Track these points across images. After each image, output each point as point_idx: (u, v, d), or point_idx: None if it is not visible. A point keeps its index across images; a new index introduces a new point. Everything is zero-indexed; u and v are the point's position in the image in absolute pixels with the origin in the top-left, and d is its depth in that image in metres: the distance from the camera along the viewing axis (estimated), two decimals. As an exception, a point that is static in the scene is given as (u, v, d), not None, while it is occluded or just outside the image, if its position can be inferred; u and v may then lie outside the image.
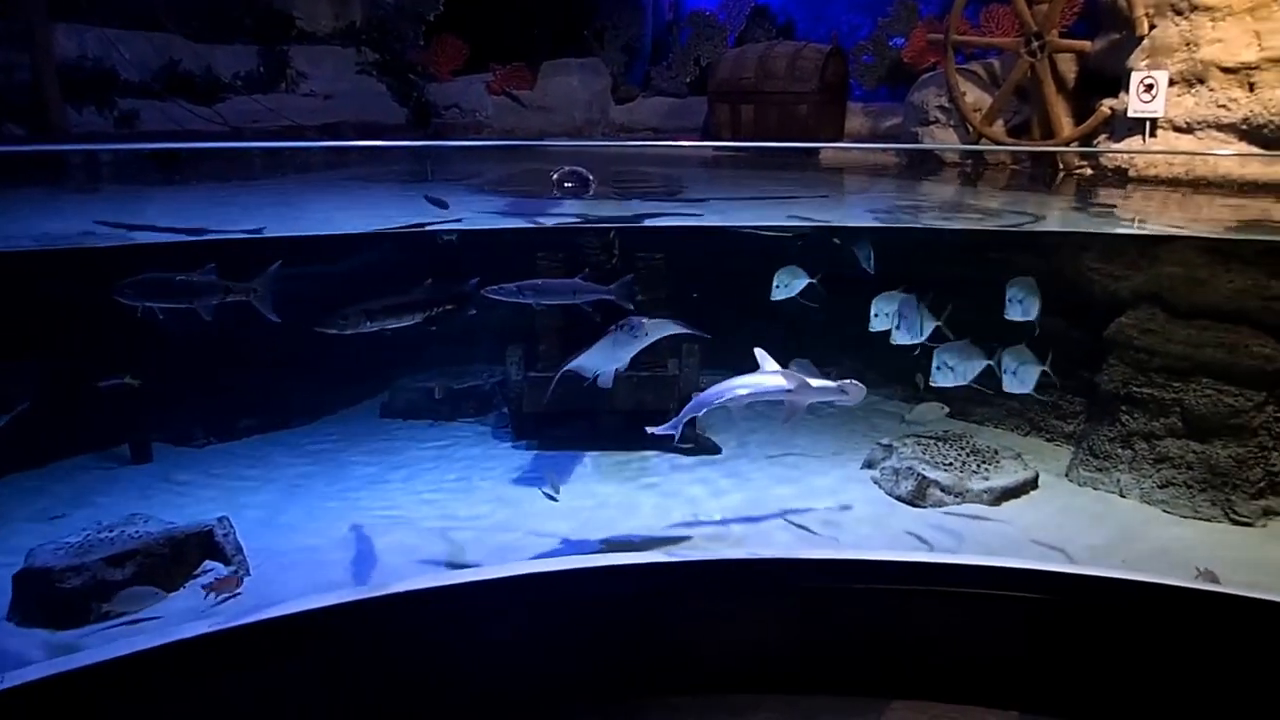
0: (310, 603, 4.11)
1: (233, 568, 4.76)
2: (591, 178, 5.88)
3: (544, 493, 5.80)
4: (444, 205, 5.74)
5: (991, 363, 5.49)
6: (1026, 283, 5.46)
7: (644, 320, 4.69)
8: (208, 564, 4.78)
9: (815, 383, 4.49)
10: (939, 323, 5.54)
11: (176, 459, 6.28)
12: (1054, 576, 4.45)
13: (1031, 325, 5.50)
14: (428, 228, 5.31)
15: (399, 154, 8.18)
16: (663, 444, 6.48)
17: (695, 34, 9.90)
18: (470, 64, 9.78)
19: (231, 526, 4.93)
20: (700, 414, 4.76)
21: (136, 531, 4.75)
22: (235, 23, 8.90)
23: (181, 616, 4.33)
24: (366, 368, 7.19)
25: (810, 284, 5.74)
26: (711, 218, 6.22)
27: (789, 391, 4.48)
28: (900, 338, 5.53)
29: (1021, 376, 5.45)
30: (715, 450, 6.51)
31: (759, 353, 4.65)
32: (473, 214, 6.29)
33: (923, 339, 5.57)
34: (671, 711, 4.48)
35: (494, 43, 9.67)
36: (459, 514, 5.55)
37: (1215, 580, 4.59)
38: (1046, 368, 5.47)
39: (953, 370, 5.39)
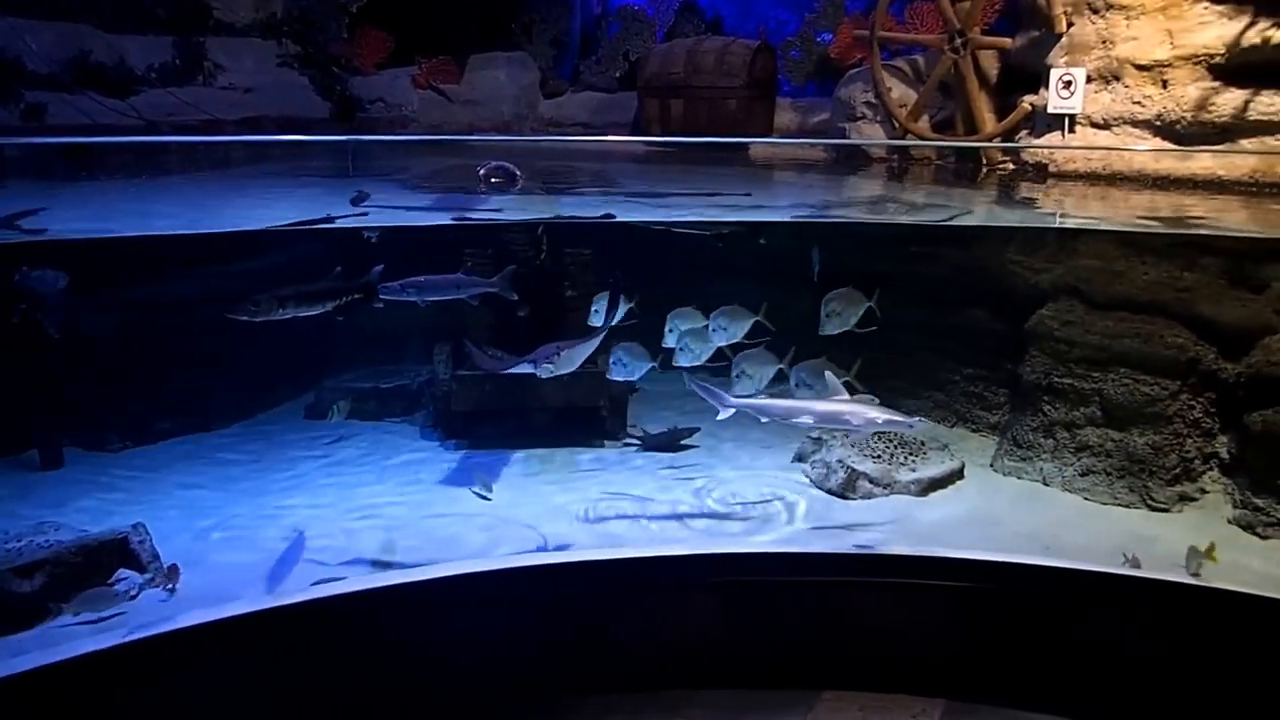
0: (232, 609, 4.00)
1: (148, 575, 4.60)
2: (518, 173, 5.81)
3: (475, 492, 5.73)
4: (365, 197, 5.67)
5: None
6: (846, 294, 5.47)
7: (558, 353, 4.75)
8: (123, 573, 4.61)
9: (885, 415, 4.69)
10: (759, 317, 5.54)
11: (90, 464, 6.06)
12: (977, 565, 4.51)
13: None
14: (337, 222, 5.20)
15: (322, 149, 7.99)
16: (592, 439, 6.48)
17: (624, 28, 9.86)
18: (395, 57, 9.60)
19: (147, 533, 4.77)
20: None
21: (46, 540, 4.55)
22: (149, 13, 8.60)
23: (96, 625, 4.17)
24: (290, 368, 7.03)
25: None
26: (639, 213, 6.18)
27: (859, 424, 4.71)
28: (829, 328, 5.49)
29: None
30: (647, 445, 6.49)
31: (829, 377, 4.89)
32: (400, 211, 6.21)
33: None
34: (604, 710, 4.45)
35: (419, 36, 9.50)
36: (386, 514, 5.44)
37: (1138, 566, 4.70)
38: (850, 378, 5.41)
39: (750, 378, 5.39)
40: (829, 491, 5.81)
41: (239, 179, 7.28)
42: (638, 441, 6.52)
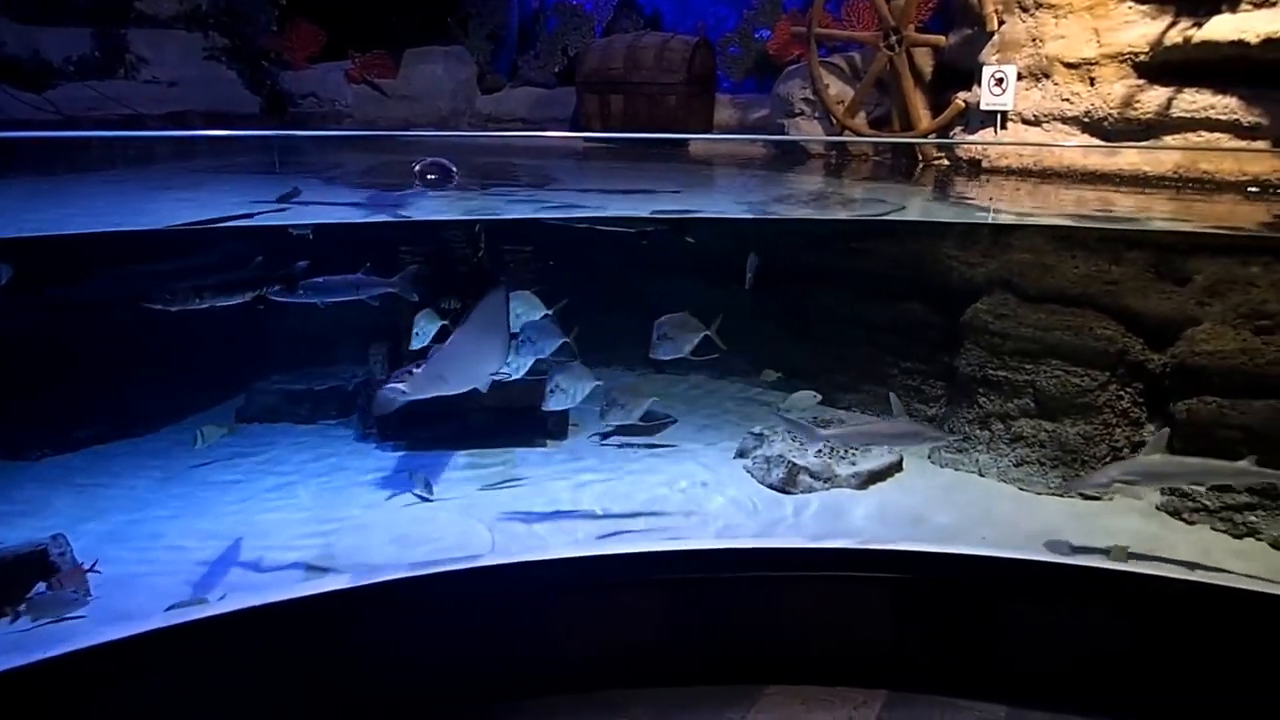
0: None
1: (70, 588, 4.43)
2: (454, 169, 5.73)
3: (415, 494, 5.63)
4: (295, 194, 5.57)
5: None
6: (681, 319, 5.47)
7: (410, 372, 4.40)
8: (41, 586, 4.43)
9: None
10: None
11: (6, 474, 5.82)
12: (914, 556, 4.56)
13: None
14: (258, 219, 5.09)
15: (252, 144, 7.81)
16: (534, 439, 6.42)
17: (562, 23, 9.79)
18: (328, 51, 9.41)
19: (68, 544, 4.57)
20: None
21: (-44, 555, 4.38)
22: (66, 3, 8.31)
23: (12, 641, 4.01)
24: (222, 371, 6.86)
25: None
26: (574, 211, 6.14)
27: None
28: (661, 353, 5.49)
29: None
30: (587, 442, 6.45)
31: (893, 400, 5.39)
32: (327, 207, 6.09)
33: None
34: (548, 711, 4.42)
35: (352, 29, 9.32)
36: (322, 518, 5.32)
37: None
38: (712, 333, 5.46)
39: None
40: (770, 486, 5.83)
41: (163, 176, 7.08)
42: (607, 433, 6.45)
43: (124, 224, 5.53)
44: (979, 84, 6.95)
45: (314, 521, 5.29)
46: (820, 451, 5.92)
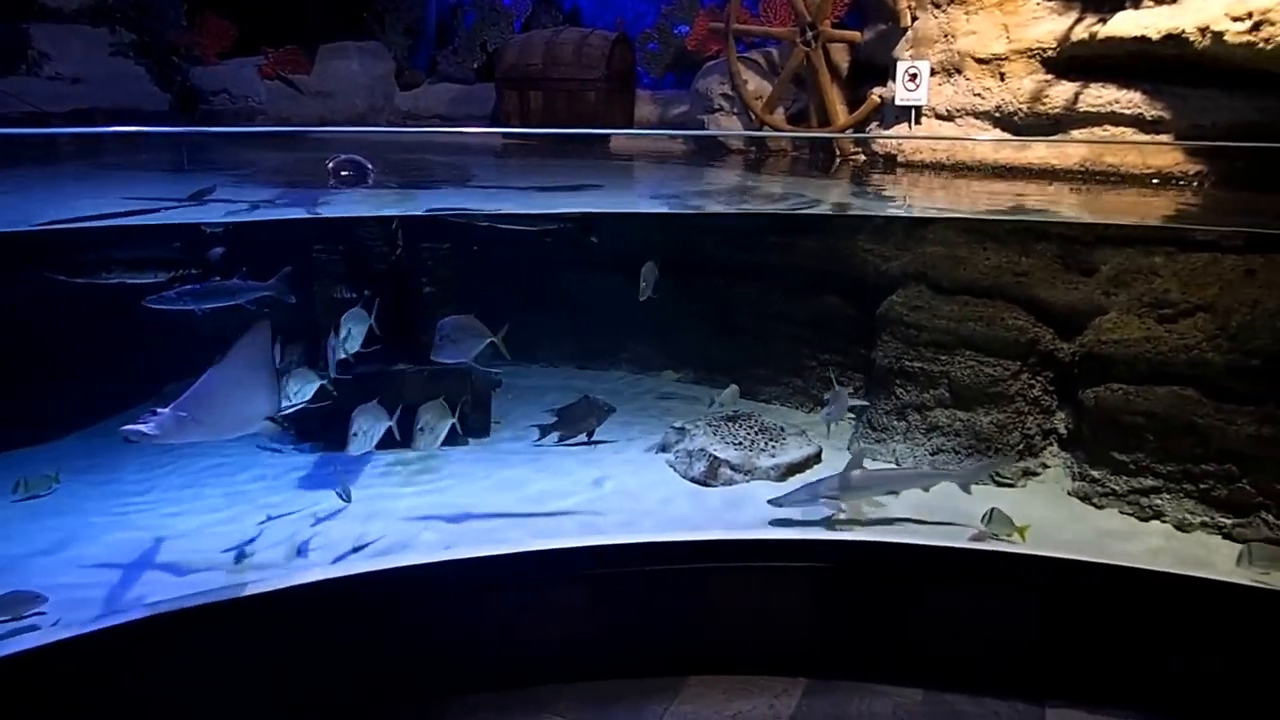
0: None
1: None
2: (370, 166, 5.63)
3: (338, 494, 5.53)
4: (209, 192, 5.45)
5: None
6: (466, 322, 5.43)
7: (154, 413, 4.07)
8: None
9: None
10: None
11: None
12: (830, 545, 4.62)
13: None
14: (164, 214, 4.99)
15: (162, 142, 7.58)
16: (455, 438, 6.35)
17: (480, 19, 9.68)
18: (240, 46, 9.18)
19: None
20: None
21: None
22: (-38, -2, 8.02)
23: None
24: (136, 373, 6.65)
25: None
26: (484, 208, 6.09)
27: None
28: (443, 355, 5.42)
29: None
30: (509, 440, 6.41)
31: (839, 392, 5.58)
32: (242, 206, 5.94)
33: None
34: (469, 710, 4.38)
35: (265, 24, 9.10)
36: (241, 521, 5.20)
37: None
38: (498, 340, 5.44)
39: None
40: (692, 480, 5.84)
41: (67, 175, 6.84)
42: (544, 428, 6.41)
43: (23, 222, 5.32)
44: (894, 79, 7.05)
45: (229, 521, 5.20)
46: (741, 444, 5.97)
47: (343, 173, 5.54)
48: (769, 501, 5.20)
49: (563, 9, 9.92)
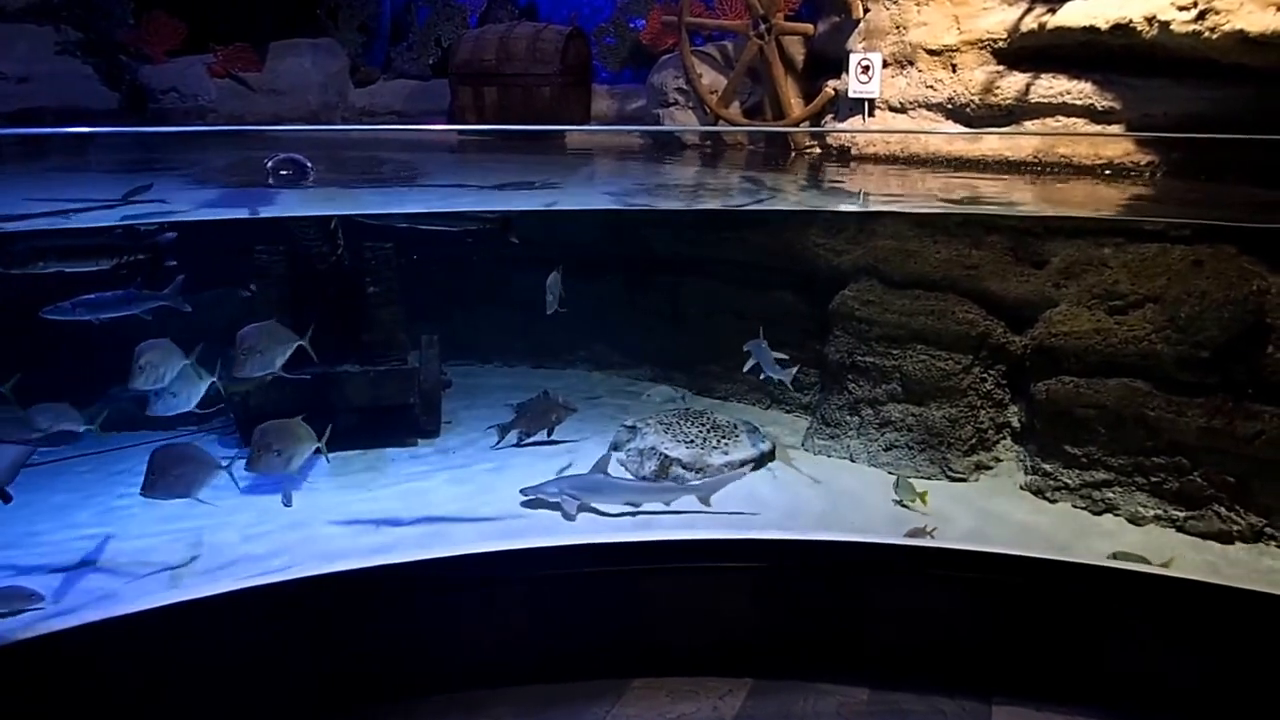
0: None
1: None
2: (310, 165, 5.52)
3: (283, 500, 5.42)
4: (145, 189, 5.36)
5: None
6: (269, 329, 5.21)
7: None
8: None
9: None
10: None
11: None
12: (775, 544, 4.55)
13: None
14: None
15: (110, 143, 7.44)
16: (405, 439, 6.27)
17: (434, 14, 9.56)
18: (189, 44, 9.03)
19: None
20: None
21: None
22: (-101, -4, 7.84)
23: None
24: (72, 378, 6.50)
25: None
26: (427, 206, 6.00)
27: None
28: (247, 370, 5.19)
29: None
30: (459, 441, 6.32)
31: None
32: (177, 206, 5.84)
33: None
34: (408, 713, 4.30)
35: (214, 22, 8.96)
36: (181, 527, 5.08)
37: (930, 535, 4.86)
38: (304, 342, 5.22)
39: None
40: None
41: (7, 174, 6.69)
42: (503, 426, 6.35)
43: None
44: (847, 72, 6.99)
45: (169, 529, 5.08)
46: (692, 442, 5.91)
47: (282, 171, 5.42)
48: (520, 491, 5.32)
49: (518, 4, 9.82)
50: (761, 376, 5.83)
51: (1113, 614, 4.37)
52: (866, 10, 7.04)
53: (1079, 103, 6.02)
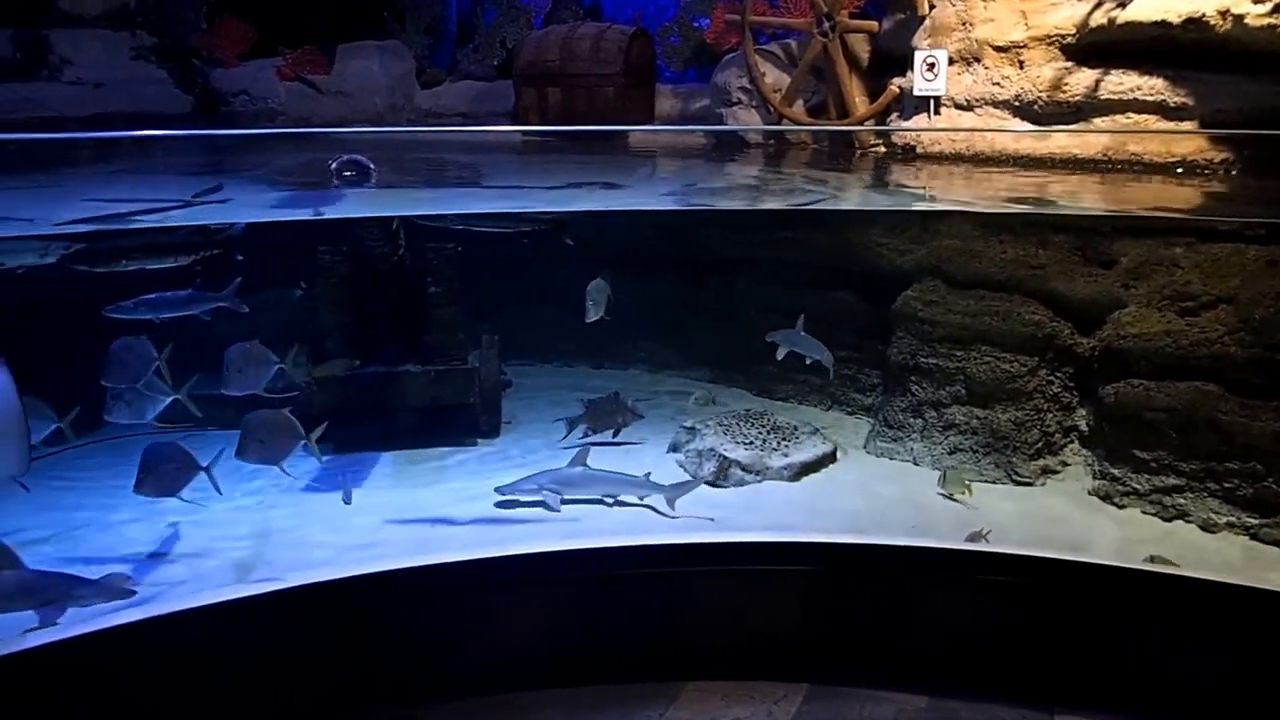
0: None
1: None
2: (373, 166, 5.62)
3: (343, 498, 5.53)
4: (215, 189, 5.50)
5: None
6: (248, 349, 5.29)
7: None
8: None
9: None
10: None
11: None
12: (836, 548, 4.50)
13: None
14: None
15: (182, 146, 7.65)
16: (465, 438, 6.33)
17: (500, 15, 9.67)
18: (258, 48, 9.25)
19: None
20: None
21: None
22: (-16, 5, 8.15)
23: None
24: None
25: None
26: (491, 208, 6.06)
27: None
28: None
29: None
30: (518, 441, 6.37)
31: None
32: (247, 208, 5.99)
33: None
34: (461, 713, 4.34)
35: (283, 25, 9.17)
36: (246, 523, 5.20)
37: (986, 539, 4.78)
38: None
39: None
40: (702, 480, 5.76)
41: (84, 178, 6.92)
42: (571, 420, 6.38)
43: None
44: (912, 69, 6.90)
45: (234, 523, 5.19)
46: (751, 444, 5.87)
47: (345, 173, 5.53)
48: (495, 489, 5.32)
49: (582, 4, 9.88)
50: (809, 361, 5.81)
51: (1179, 622, 4.24)
52: (932, 7, 6.96)
53: (1150, 99, 5.88)
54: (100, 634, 3.78)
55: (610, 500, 5.40)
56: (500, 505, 5.35)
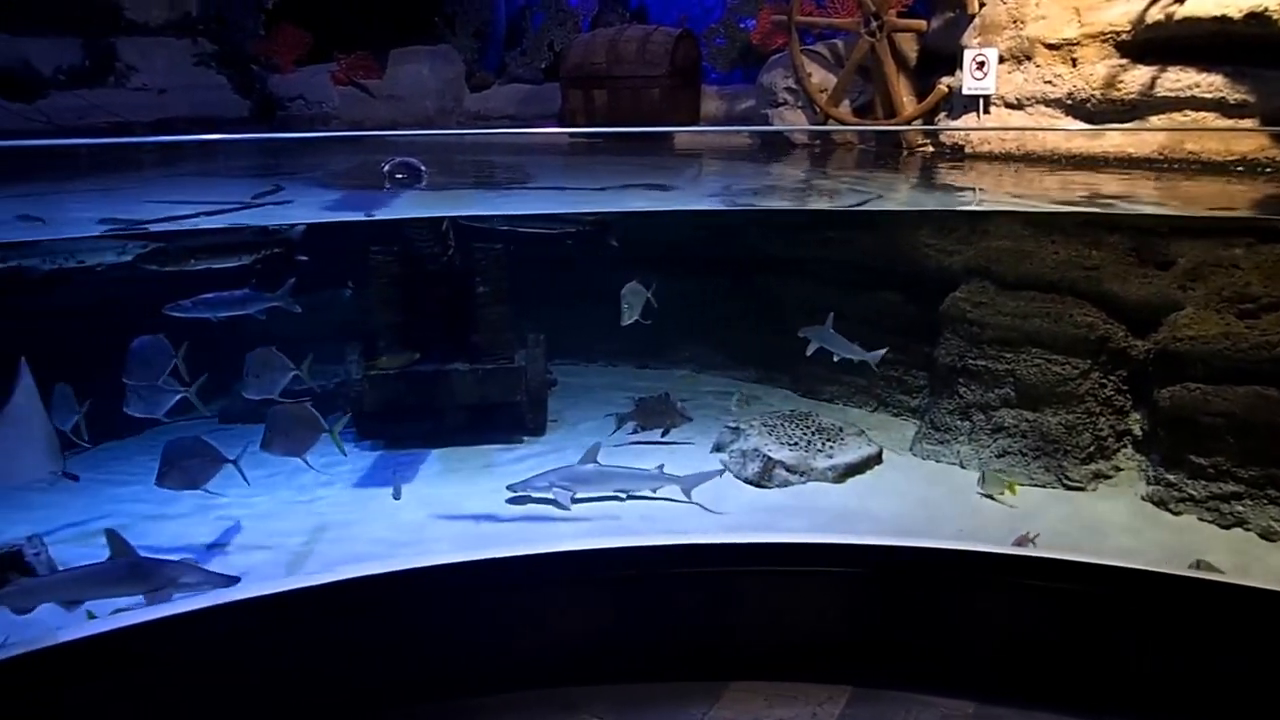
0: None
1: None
2: (424, 168, 5.69)
3: (393, 492, 5.62)
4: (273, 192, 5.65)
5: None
6: (264, 355, 5.46)
7: None
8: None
9: None
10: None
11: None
12: (880, 550, 4.46)
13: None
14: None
15: (240, 148, 7.84)
16: (512, 436, 6.39)
17: (548, 19, 9.74)
18: (314, 54, 9.44)
19: (44, 545, 4.62)
20: None
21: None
22: (55, 13, 8.38)
23: None
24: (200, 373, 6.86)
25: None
26: (538, 209, 6.11)
27: None
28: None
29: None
30: (564, 439, 6.41)
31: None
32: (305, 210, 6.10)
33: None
34: (507, 707, 4.38)
35: (337, 31, 9.34)
36: (300, 517, 5.33)
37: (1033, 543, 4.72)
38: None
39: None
40: (746, 480, 5.77)
41: (148, 181, 7.10)
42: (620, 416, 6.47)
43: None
44: (961, 68, 6.83)
45: (288, 517, 5.34)
46: (796, 445, 5.86)
47: (397, 175, 5.62)
48: (507, 487, 5.38)
49: (629, 7, 9.92)
50: (836, 359, 5.83)
51: (1232, 631, 4.15)
52: (982, 5, 6.88)
53: (1208, 96, 5.76)
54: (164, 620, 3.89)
55: (624, 495, 5.45)
56: (511, 502, 5.45)
